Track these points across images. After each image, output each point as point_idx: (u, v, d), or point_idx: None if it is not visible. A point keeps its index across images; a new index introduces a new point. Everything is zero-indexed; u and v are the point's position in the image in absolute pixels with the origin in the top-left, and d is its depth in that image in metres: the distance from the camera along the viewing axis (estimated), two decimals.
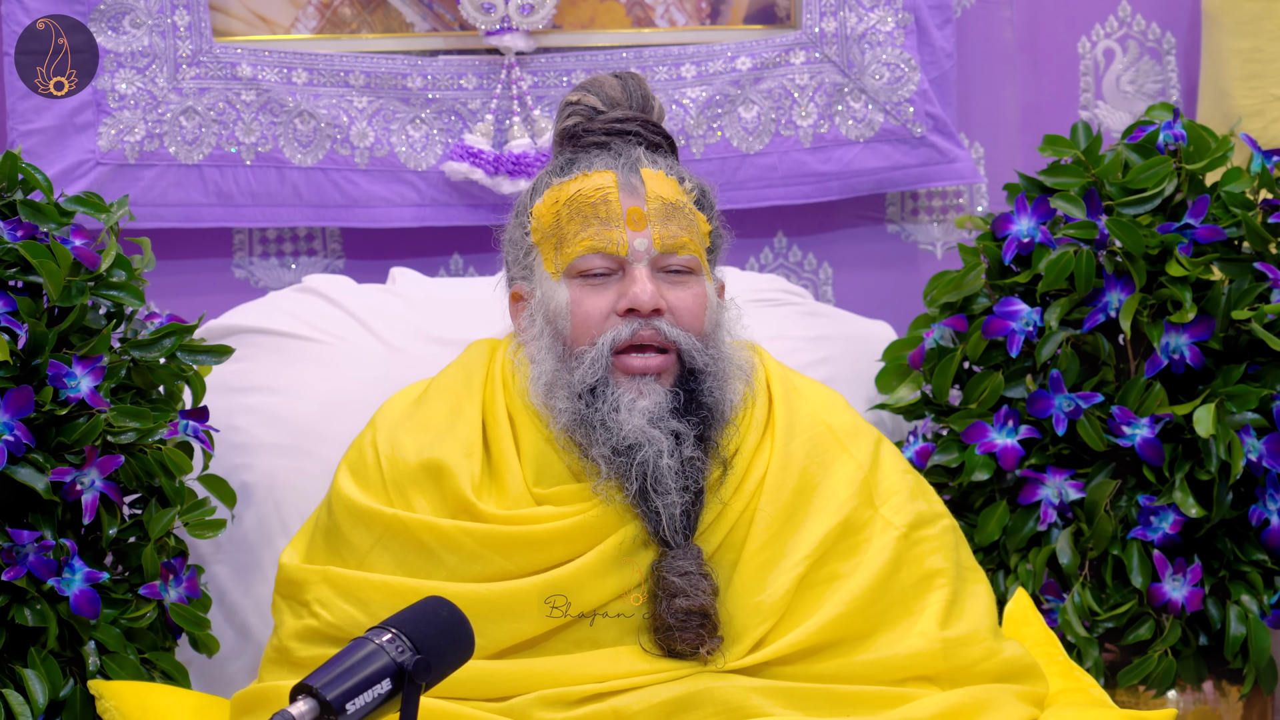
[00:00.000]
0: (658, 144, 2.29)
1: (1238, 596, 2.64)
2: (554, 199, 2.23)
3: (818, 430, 2.27)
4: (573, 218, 2.20)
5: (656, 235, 2.20)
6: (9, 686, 2.32)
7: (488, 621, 2.12)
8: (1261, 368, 2.67)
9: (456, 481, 2.19)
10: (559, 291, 2.20)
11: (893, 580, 2.21)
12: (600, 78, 2.32)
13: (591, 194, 2.20)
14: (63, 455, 2.36)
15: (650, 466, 2.14)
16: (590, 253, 2.19)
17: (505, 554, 2.16)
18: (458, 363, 2.33)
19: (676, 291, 2.21)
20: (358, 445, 2.29)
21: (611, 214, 2.19)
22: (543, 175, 2.29)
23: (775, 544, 2.19)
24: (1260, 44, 3.11)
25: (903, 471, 2.31)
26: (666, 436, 2.16)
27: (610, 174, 2.21)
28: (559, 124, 2.31)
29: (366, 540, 2.20)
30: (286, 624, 2.22)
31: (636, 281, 2.18)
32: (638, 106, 2.30)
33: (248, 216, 2.96)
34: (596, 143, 2.26)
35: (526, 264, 2.26)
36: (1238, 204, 2.67)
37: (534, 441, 2.22)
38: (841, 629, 2.17)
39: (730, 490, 2.20)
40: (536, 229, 2.25)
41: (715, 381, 2.20)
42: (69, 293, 2.38)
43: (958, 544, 2.30)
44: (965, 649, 2.19)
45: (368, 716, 1.69)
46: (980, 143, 3.21)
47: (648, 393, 2.18)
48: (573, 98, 2.31)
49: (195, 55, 2.91)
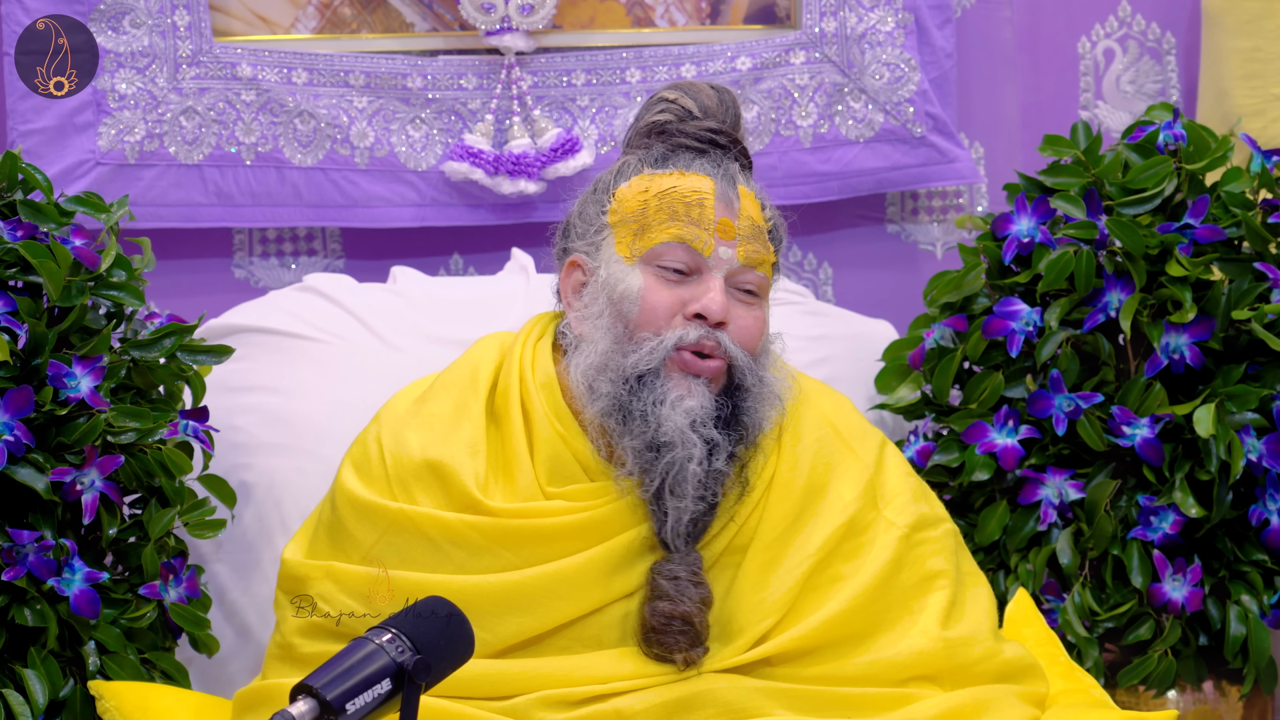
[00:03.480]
0: (747, 166, 2.28)
1: (1238, 596, 2.64)
2: (644, 187, 2.21)
3: (825, 432, 2.27)
4: (661, 210, 2.19)
5: (742, 250, 2.20)
6: (9, 686, 2.32)
7: (492, 616, 2.12)
8: (1261, 368, 2.67)
9: (461, 481, 2.18)
10: (631, 276, 2.19)
11: (894, 580, 2.21)
12: (696, 84, 2.30)
13: (688, 194, 2.19)
14: (63, 455, 2.36)
15: (677, 468, 2.14)
16: (676, 241, 2.18)
17: (513, 548, 2.16)
18: (465, 359, 2.32)
19: (741, 310, 2.21)
20: (362, 441, 2.28)
21: (705, 218, 2.19)
22: (630, 159, 2.26)
23: (780, 544, 2.19)
24: (1260, 44, 3.11)
25: (905, 474, 2.31)
26: (702, 443, 2.15)
27: (709, 180, 2.21)
28: (647, 115, 2.28)
29: (371, 535, 2.20)
30: (289, 620, 2.21)
31: (711, 289, 2.18)
32: (730, 121, 2.28)
33: (248, 216, 2.96)
34: (690, 146, 2.24)
35: (595, 241, 2.24)
36: (1238, 204, 2.67)
37: (549, 439, 2.20)
38: (842, 627, 2.17)
39: (745, 509, 2.21)
40: (616, 211, 2.23)
41: (756, 402, 2.20)
42: (69, 293, 2.38)
43: (958, 548, 2.30)
44: (966, 649, 2.19)
45: (368, 716, 1.70)
46: (980, 143, 3.22)
47: (696, 393, 2.17)
48: (669, 95, 2.29)
49: (195, 55, 2.91)
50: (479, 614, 2.09)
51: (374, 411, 2.45)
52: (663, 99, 2.29)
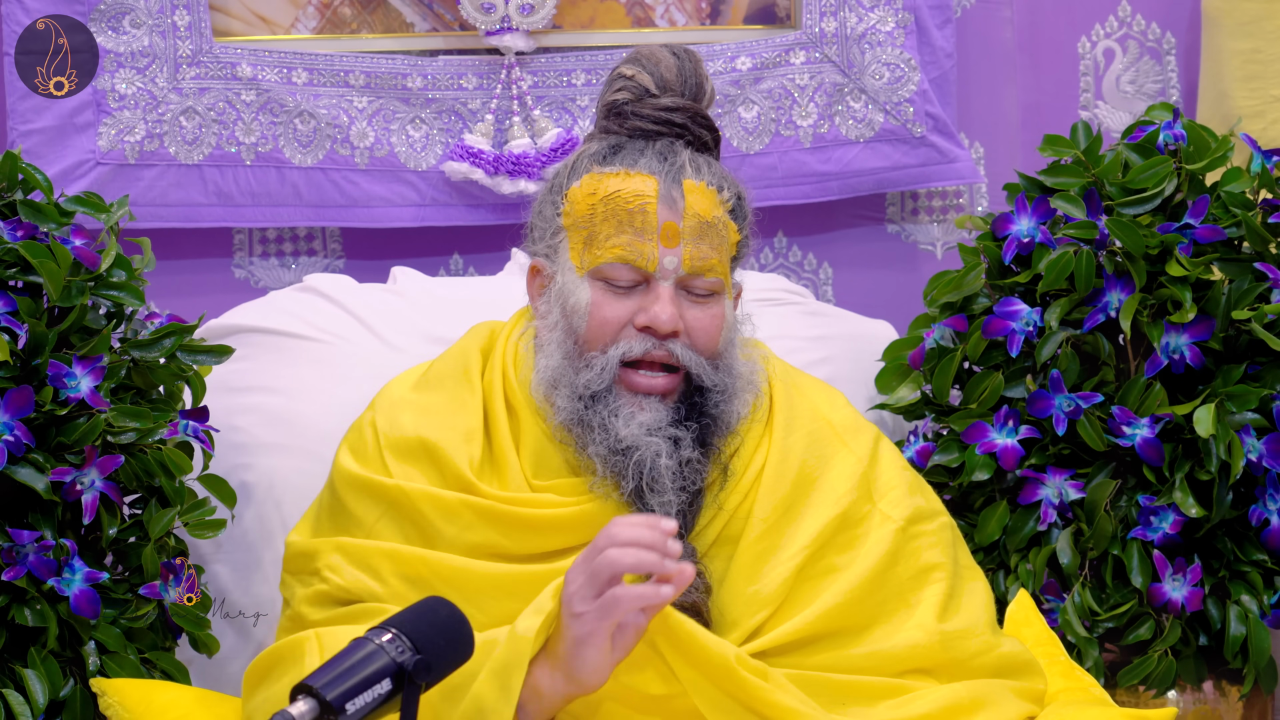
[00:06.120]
0: (704, 141, 2.26)
1: (1238, 596, 2.64)
2: (591, 190, 2.20)
3: (817, 425, 2.27)
4: (607, 218, 2.18)
5: (687, 255, 2.18)
6: (9, 686, 2.32)
7: (491, 599, 2.13)
8: (1261, 368, 2.67)
9: (454, 462, 2.20)
10: (581, 289, 2.19)
11: (890, 573, 2.21)
12: (656, 53, 2.27)
13: (630, 199, 2.18)
14: (63, 455, 2.36)
15: (648, 466, 2.15)
16: (619, 262, 2.17)
17: (503, 531, 2.17)
18: (456, 349, 2.33)
19: (695, 311, 2.20)
20: (357, 426, 2.30)
21: (647, 225, 2.17)
22: (583, 154, 2.25)
23: (772, 536, 2.20)
24: (1260, 45, 3.11)
25: (900, 468, 2.31)
26: (665, 441, 2.16)
27: (653, 181, 2.18)
28: (606, 95, 2.27)
29: (373, 512, 2.21)
30: (298, 593, 2.22)
31: (659, 300, 2.17)
32: (691, 93, 2.26)
33: (248, 216, 2.96)
34: (643, 130, 2.23)
35: (553, 244, 2.24)
36: (1238, 204, 2.67)
37: (534, 435, 2.22)
38: (838, 620, 2.17)
39: (729, 495, 2.21)
40: (569, 214, 2.22)
41: (722, 397, 2.20)
42: (69, 293, 2.38)
43: (955, 541, 2.30)
44: (962, 642, 2.19)
45: (368, 716, 1.70)
46: (980, 143, 3.22)
47: (648, 408, 2.18)
48: (627, 71, 2.26)
49: (195, 55, 2.91)
50: (475, 594, 2.13)
51: None
52: (621, 75, 2.26)
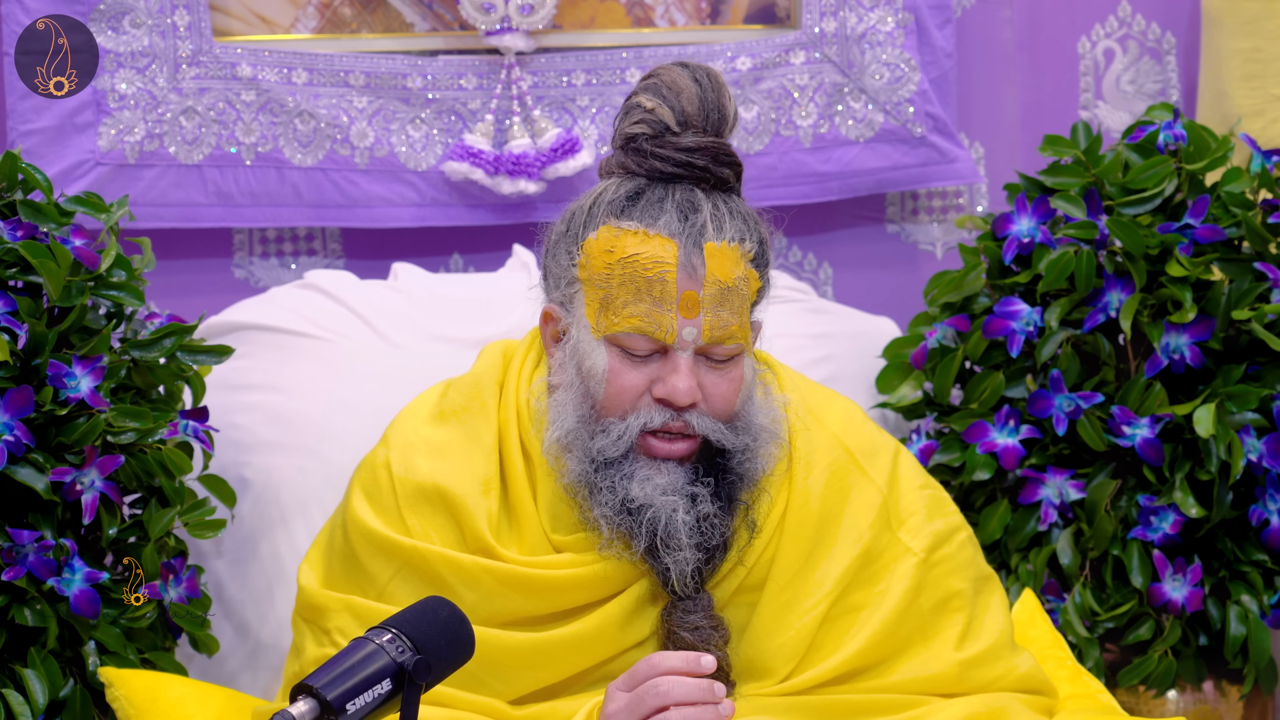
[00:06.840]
0: (727, 183, 2.18)
1: (1238, 596, 2.64)
2: (609, 247, 2.12)
3: (836, 455, 2.22)
4: (624, 283, 2.11)
5: (706, 325, 2.11)
6: (9, 686, 2.32)
7: (511, 669, 2.12)
8: (1261, 368, 2.67)
9: (474, 521, 2.15)
10: (598, 354, 2.13)
11: (912, 608, 2.19)
12: (678, 80, 2.17)
13: (649, 266, 2.10)
14: (63, 455, 2.36)
15: (662, 524, 2.10)
16: (636, 334, 2.11)
17: (525, 593, 2.14)
18: (470, 378, 2.27)
19: (713, 377, 2.14)
20: (371, 466, 2.23)
21: (666, 295, 2.10)
22: (601, 199, 2.15)
23: (797, 583, 2.17)
24: (1260, 44, 3.11)
25: (919, 488, 2.27)
26: (682, 499, 2.12)
27: (672, 246, 2.10)
28: (624, 125, 2.18)
29: (386, 571, 2.18)
30: (309, 650, 2.19)
31: (677, 371, 2.11)
32: (713, 126, 2.16)
33: (248, 216, 2.96)
34: (662, 172, 2.14)
35: (568, 294, 2.16)
36: (1238, 204, 2.68)
37: (551, 488, 2.17)
38: (864, 660, 2.17)
39: (754, 551, 2.17)
40: (584, 266, 2.14)
41: (744, 456, 2.16)
42: (69, 293, 2.38)
43: (975, 555, 2.27)
44: (981, 669, 2.19)
45: (368, 716, 1.70)
46: (980, 143, 3.22)
47: (665, 471, 2.13)
48: (646, 103, 2.16)
49: (195, 55, 2.91)
50: (498, 666, 2.11)
51: (375, 410, 2.44)
52: (640, 106, 2.17)
